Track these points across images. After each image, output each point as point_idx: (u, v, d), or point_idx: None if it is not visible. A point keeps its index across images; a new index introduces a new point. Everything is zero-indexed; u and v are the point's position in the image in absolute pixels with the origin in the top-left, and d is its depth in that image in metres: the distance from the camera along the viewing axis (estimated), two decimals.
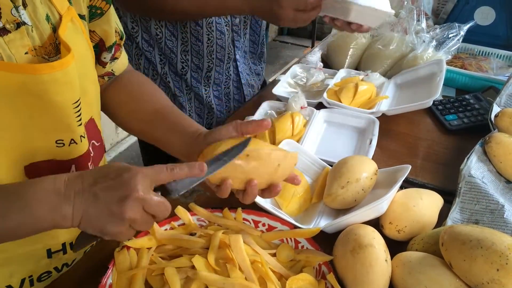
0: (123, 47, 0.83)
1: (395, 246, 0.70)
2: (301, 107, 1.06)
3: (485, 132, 0.95)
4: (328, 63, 1.42)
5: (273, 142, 0.98)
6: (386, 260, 0.64)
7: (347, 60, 1.35)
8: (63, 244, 0.72)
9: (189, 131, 0.73)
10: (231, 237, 0.67)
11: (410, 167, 0.77)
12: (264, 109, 1.11)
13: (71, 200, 0.52)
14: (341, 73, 1.26)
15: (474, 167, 0.86)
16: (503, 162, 0.87)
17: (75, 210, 0.52)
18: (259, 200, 0.77)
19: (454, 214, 0.79)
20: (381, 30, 1.37)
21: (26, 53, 0.57)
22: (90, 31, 0.74)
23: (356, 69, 1.35)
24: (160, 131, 0.76)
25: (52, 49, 0.61)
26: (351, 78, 1.21)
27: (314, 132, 1.03)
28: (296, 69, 1.31)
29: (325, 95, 1.12)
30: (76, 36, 0.64)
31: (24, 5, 0.57)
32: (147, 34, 1.12)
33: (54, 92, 0.58)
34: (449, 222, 0.77)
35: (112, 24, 0.76)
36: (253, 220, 0.74)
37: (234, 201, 0.72)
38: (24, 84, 0.56)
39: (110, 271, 0.63)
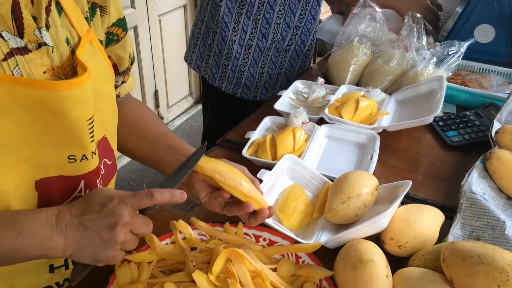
0: (131, 71, 0.85)
1: (396, 262, 0.70)
2: (303, 122, 1.06)
3: (486, 149, 0.95)
4: (329, 79, 1.43)
5: (274, 157, 0.98)
6: (387, 276, 0.64)
7: (348, 76, 1.36)
8: (66, 260, 0.72)
9: (186, 155, 0.75)
10: (232, 252, 0.66)
11: (411, 182, 0.77)
12: (266, 124, 1.11)
13: (63, 232, 0.56)
14: (342, 89, 1.27)
15: (475, 183, 0.86)
16: (504, 178, 0.87)
17: (66, 241, 0.56)
18: None
19: (455, 230, 0.79)
20: (382, 47, 1.39)
21: (44, 72, 0.59)
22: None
23: (357, 85, 1.36)
24: (160, 152, 0.80)
25: (70, 71, 0.63)
26: (352, 94, 1.21)
27: (315, 147, 1.03)
28: (297, 84, 1.32)
29: (326, 110, 1.12)
30: (93, 57, 0.66)
31: (47, 27, 0.60)
32: None
33: (71, 108, 0.60)
34: (450, 238, 0.77)
35: (127, 50, 0.80)
36: (254, 235, 0.74)
37: (235, 216, 0.72)
38: (42, 100, 0.57)
39: (110, 285, 0.63)
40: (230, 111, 1.53)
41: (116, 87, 0.81)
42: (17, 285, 0.68)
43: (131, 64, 0.83)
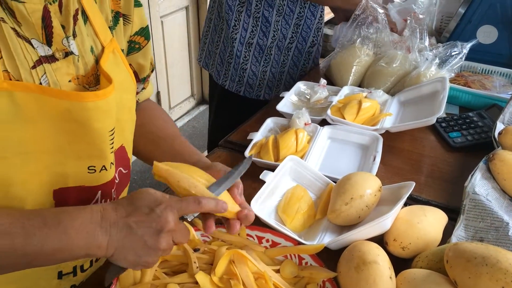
0: (150, 77, 0.85)
1: (400, 263, 0.70)
2: (305, 124, 1.06)
3: (489, 150, 0.95)
4: (331, 80, 1.43)
5: (277, 158, 0.98)
6: (390, 277, 0.64)
7: (350, 77, 1.36)
8: (74, 267, 0.72)
9: (191, 159, 0.74)
10: (235, 253, 0.66)
11: (414, 183, 0.77)
12: (268, 125, 1.11)
13: (107, 231, 0.55)
14: (345, 90, 1.27)
15: (478, 184, 0.85)
16: (507, 179, 0.87)
17: (110, 241, 0.55)
18: (263, 216, 0.77)
19: (459, 232, 0.78)
20: (384, 48, 1.39)
21: (69, 81, 0.60)
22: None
23: (360, 86, 1.36)
24: (165, 155, 0.79)
25: (93, 80, 0.63)
26: (355, 95, 1.21)
27: (318, 148, 1.03)
28: (300, 86, 1.32)
29: (329, 111, 1.12)
30: (116, 67, 0.67)
31: (74, 36, 0.60)
32: None
33: (96, 119, 0.60)
34: (453, 239, 0.77)
35: (148, 58, 0.80)
36: (257, 236, 0.74)
37: None
38: (68, 110, 0.58)
39: (114, 286, 0.63)
40: (235, 111, 1.54)
41: (137, 93, 0.81)
42: None
43: (151, 71, 0.83)
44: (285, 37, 1.47)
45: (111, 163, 0.66)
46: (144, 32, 0.76)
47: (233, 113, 1.36)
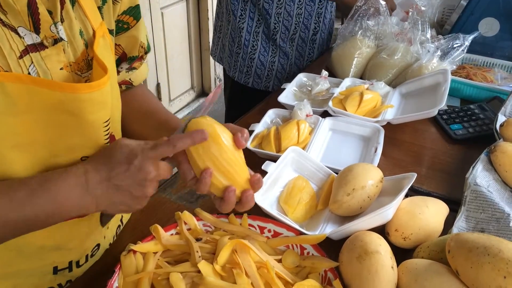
0: (145, 60, 0.84)
1: (401, 254, 0.70)
2: (307, 115, 1.06)
3: (490, 142, 0.95)
4: (333, 72, 1.42)
5: (279, 149, 0.98)
6: (392, 267, 0.64)
7: (351, 69, 1.36)
8: (70, 262, 0.72)
9: (176, 129, 0.74)
10: (237, 243, 0.67)
11: (416, 175, 0.77)
12: (270, 116, 1.11)
13: (93, 193, 0.57)
14: (346, 82, 1.27)
15: (480, 176, 0.86)
16: (509, 171, 0.87)
17: (99, 200, 0.58)
18: (265, 206, 0.78)
19: (460, 223, 0.79)
20: (386, 40, 1.38)
21: (61, 68, 0.59)
22: (115, 44, 0.74)
23: (361, 78, 1.36)
24: (148, 129, 0.80)
25: (84, 65, 0.62)
26: (356, 87, 1.21)
27: (320, 139, 1.03)
28: (301, 77, 1.32)
29: (330, 103, 1.12)
30: (106, 53, 0.65)
31: (62, 21, 0.58)
32: None
33: (90, 111, 0.60)
34: (454, 230, 0.77)
35: (138, 38, 0.78)
36: (259, 226, 0.74)
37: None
38: (61, 102, 0.57)
39: (116, 274, 0.63)
40: (247, 103, 1.54)
41: (119, 72, 0.78)
42: (19, 285, 0.68)
43: (145, 53, 0.81)
44: (288, 29, 1.47)
45: None
46: (133, 12, 0.74)
47: (245, 106, 1.35)
